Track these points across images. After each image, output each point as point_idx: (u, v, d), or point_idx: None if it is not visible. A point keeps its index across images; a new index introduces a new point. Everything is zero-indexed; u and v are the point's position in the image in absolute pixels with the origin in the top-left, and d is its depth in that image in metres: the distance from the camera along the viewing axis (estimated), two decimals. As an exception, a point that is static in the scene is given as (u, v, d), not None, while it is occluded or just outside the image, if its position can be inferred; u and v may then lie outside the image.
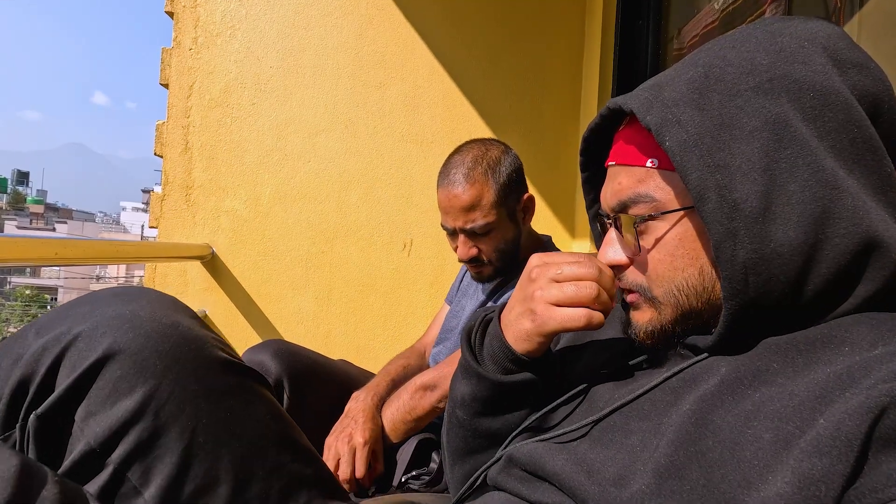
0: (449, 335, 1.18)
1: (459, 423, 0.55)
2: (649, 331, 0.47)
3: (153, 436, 0.46)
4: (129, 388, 0.46)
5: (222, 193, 1.78)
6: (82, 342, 0.47)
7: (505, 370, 0.51)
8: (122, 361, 0.47)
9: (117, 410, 0.46)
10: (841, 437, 0.29)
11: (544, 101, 1.88)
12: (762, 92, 0.40)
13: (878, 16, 0.85)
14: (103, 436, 0.46)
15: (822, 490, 0.29)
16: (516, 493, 0.47)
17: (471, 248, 1.02)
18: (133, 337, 0.48)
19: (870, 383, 0.31)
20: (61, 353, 0.47)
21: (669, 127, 0.41)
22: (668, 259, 0.45)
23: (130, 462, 0.46)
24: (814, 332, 0.39)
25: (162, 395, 0.47)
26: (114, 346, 0.47)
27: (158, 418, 0.47)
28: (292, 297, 1.80)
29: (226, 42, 1.77)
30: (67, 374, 0.47)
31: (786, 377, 0.36)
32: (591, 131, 0.52)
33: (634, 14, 1.67)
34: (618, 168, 0.48)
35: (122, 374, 0.47)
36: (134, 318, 0.49)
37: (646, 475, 0.37)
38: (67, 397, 0.47)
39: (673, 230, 0.44)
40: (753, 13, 1.14)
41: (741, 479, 0.32)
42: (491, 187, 1.00)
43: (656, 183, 0.45)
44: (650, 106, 0.42)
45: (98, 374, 0.47)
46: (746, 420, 0.35)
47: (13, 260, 0.90)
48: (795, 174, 0.38)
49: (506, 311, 0.52)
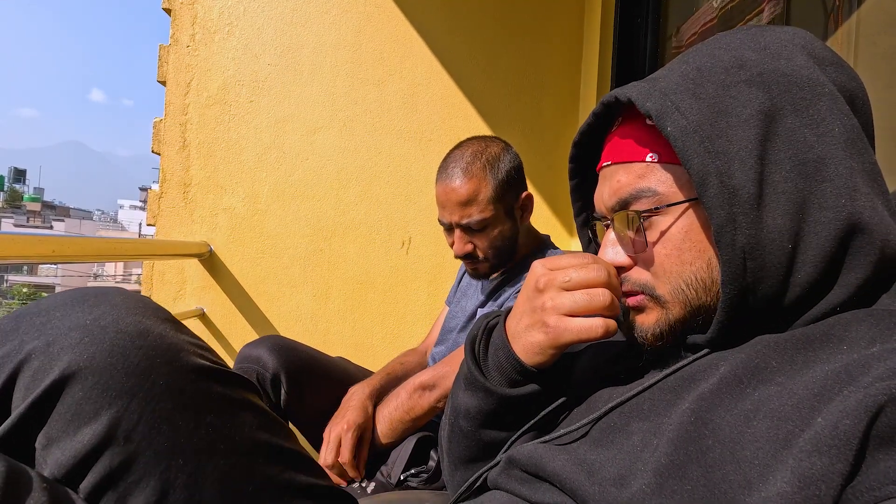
0: (449, 336, 1.18)
1: (463, 433, 0.54)
2: (657, 332, 0.46)
3: (125, 462, 0.42)
4: (93, 412, 0.41)
5: (220, 191, 1.77)
6: (36, 361, 0.42)
7: (511, 382, 0.50)
8: (84, 381, 0.42)
9: (82, 437, 0.41)
10: (839, 436, 0.29)
11: (543, 99, 1.88)
12: (754, 84, 0.41)
13: (877, 15, 0.85)
14: (68, 465, 0.41)
15: (822, 489, 0.29)
16: (517, 494, 0.46)
17: (466, 244, 1.02)
18: (95, 352, 0.42)
19: (867, 381, 0.31)
20: (14, 373, 0.42)
21: (670, 113, 0.41)
22: (676, 253, 0.44)
23: (101, 492, 0.42)
24: (812, 329, 0.39)
25: (132, 417, 0.42)
26: (73, 365, 0.42)
27: (130, 442, 0.42)
28: (290, 295, 1.79)
29: (223, 39, 1.77)
30: (22, 397, 0.42)
31: (784, 375, 0.36)
32: (583, 133, 0.52)
33: (633, 12, 1.67)
34: (614, 167, 0.48)
35: (85, 396, 0.41)
36: (95, 330, 0.44)
37: (646, 475, 0.37)
38: (24, 423, 0.42)
39: (678, 223, 0.44)
40: (752, 11, 1.14)
41: (741, 480, 0.32)
42: (489, 183, 0.99)
43: (657, 177, 0.45)
44: (649, 94, 0.43)
45: (58, 398, 0.42)
46: (746, 419, 0.35)
47: (10, 257, 0.90)
48: (783, 164, 0.39)
49: (512, 322, 0.51)
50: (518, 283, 1.08)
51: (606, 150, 0.49)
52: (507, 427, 0.52)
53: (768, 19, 1.09)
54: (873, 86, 0.84)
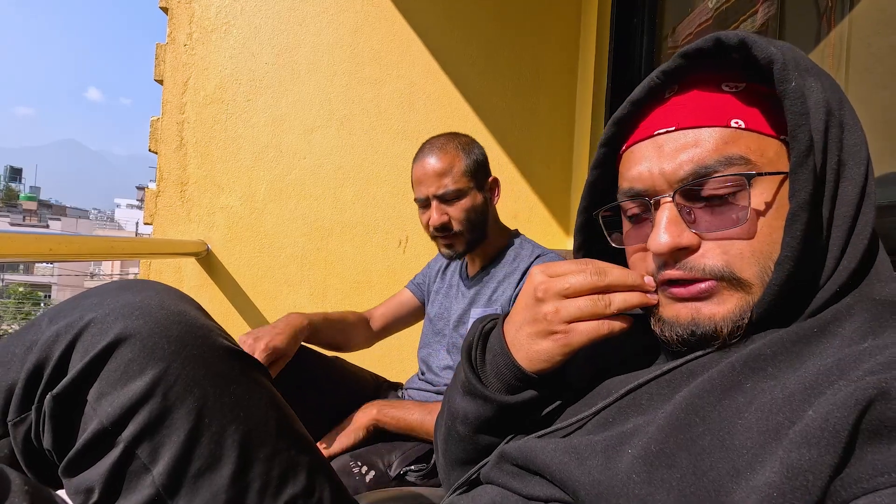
0: (437, 338, 1.19)
1: (460, 437, 0.55)
2: (740, 323, 0.41)
3: (161, 416, 0.48)
4: (139, 370, 0.48)
5: (217, 190, 1.77)
6: (94, 328, 0.49)
7: (510, 388, 0.50)
8: (133, 345, 0.48)
9: (128, 391, 0.48)
10: (829, 429, 0.30)
11: (539, 98, 1.89)
12: (811, 74, 0.41)
13: (871, 16, 0.86)
14: (115, 415, 0.47)
15: (810, 479, 0.29)
16: (509, 488, 0.46)
17: (442, 215, 1.07)
18: (143, 323, 0.49)
19: (858, 375, 0.31)
20: (74, 339, 0.49)
21: (794, 66, 0.40)
22: (768, 230, 0.41)
23: (140, 440, 0.48)
24: (810, 323, 0.39)
25: (170, 378, 0.49)
26: (125, 331, 0.49)
27: (167, 399, 0.48)
28: (287, 294, 1.79)
29: (221, 38, 1.77)
30: (80, 357, 0.48)
31: (777, 369, 0.37)
32: (633, 103, 0.47)
33: (629, 12, 1.68)
34: (681, 133, 0.43)
35: (133, 357, 0.48)
36: (143, 306, 0.51)
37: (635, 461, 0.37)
38: (80, 379, 0.48)
39: (773, 195, 0.41)
40: (746, 12, 1.15)
41: (730, 468, 0.33)
42: (462, 159, 1.08)
43: (747, 144, 0.41)
44: (768, 43, 0.41)
45: (110, 357, 0.48)
46: (738, 410, 0.35)
47: (7, 256, 0.89)
48: (854, 151, 0.41)
49: (511, 329, 0.50)
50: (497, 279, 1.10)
51: (660, 116, 0.45)
52: (504, 432, 0.52)
53: (762, 20, 1.10)
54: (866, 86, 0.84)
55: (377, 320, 1.31)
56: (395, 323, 1.33)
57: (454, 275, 1.23)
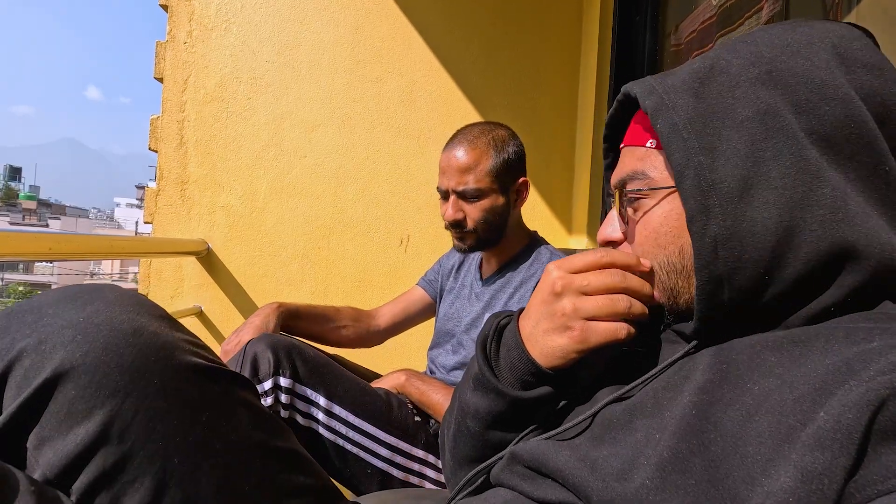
0: (446, 338, 1.18)
1: (470, 433, 0.54)
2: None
3: (119, 462, 0.42)
4: (87, 410, 0.41)
5: (218, 189, 1.77)
6: (28, 359, 0.42)
7: (523, 384, 0.50)
8: (77, 380, 0.41)
9: (75, 436, 0.41)
10: (841, 430, 0.29)
11: (541, 96, 1.88)
12: (759, 82, 0.42)
13: (875, 13, 0.85)
14: (60, 465, 0.41)
15: (825, 483, 0.29)
16: (520, 491, 0.46)
17: (458, 211, 1.05)
18: (88, 350, 0.42)
19: (869, 375, 0.31)
20: (4, 373, 0.42)
21: (664, 111, 0.43)
22: (653, 236, 0.47)
23: (95, 493, 0.41)
24: (807, 329, 0.39)
25: (126, 416, 0.42)
26: (65, 363, 0.41)
27: (124, 441, 0.42)
28: (288, 293, 1.79)
29: (221, 36, 1.76)
30: (13, 396, 0.42)
31: (784, 368, 0.36)
32: (611, 117, 0.55)
33: (632, 10, 1.67)
34: (626, 149, 0.51)
35: (78, 394, 0.41)
36: (88, 328, 0.43)
37: (649, 469, 0.37)
38: (15, 423, 0.41)
39: (658, 207, 0.47)
40: (750, 9, 1.14)
41: (745, 475, 0.32)
42: (490, 157, 1.04)
43: (652, 162, 0.47)
44: (651, 91, 0.45)
45: (50, 397, 0.41)
46: (748, 415, 0.35)
47: (6, 255, 0.89)
48: (778, 161, 0.40)
49: (528, 324, 0.50)
50: (513, 284, 1.09)
51: (626, 133, 0.53)
52: (515, 428, 0.52)
53: (767, 17, 1.09)
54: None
55: (384, 317, 1.30)
56: (404, 321, 1.32)
57: (468, 275, 1.21)
